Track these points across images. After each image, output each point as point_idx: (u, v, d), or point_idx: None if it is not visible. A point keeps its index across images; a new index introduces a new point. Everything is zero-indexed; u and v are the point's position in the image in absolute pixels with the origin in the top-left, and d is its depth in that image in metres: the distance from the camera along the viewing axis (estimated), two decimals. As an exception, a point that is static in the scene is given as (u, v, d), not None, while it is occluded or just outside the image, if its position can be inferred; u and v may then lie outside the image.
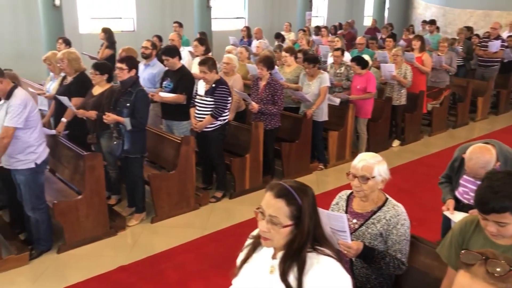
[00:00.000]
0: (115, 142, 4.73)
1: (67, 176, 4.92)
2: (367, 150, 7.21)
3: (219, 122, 5.32)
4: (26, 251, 4.22)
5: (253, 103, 5.67)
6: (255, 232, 1.93)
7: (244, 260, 1.87)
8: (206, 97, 5.26)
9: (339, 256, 1.78)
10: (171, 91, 5.52)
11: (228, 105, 5.36)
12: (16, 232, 4.51)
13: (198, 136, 5.35)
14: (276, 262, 1.75)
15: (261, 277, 1.77)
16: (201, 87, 5.36)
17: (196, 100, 5.37)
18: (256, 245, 1.87)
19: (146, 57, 6.05)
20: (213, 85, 5.23)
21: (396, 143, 7.82)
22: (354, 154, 7.12)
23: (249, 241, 1.93)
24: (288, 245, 1.72)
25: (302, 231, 1.70)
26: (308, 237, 1.71)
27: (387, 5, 18.45)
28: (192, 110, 5.42)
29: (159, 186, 4.99)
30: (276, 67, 6.33)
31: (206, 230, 4.89)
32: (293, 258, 1.69)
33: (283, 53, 6.82)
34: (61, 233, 4.44)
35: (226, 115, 5.39)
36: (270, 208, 1.70)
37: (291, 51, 6.83)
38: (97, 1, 12.29)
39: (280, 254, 1.75)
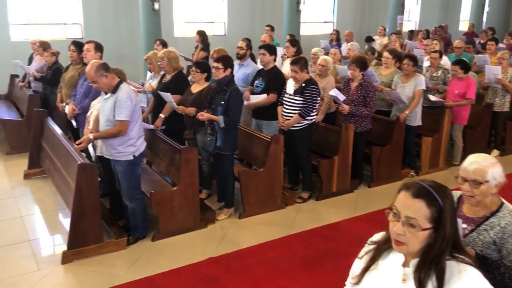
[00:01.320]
0: (208, 139, 4.88)
1: (163, 168, 5.16)
2: (463, 158, 6.78)
3: (306, 122, 5.30)
4: (124, 237, 4.48)
5: (344, 104, 5.58)
6: (375, 237, 1.82)
7: (367, 268, 1.75)
8: (295, 96, 5.26)
9: (478, 266, 1.62)
10: (262, 90, 5.61)
11: (317, 105, 5.32)
12: (115, 219, 4.80)
13: (285, 135, 5.36)
14: (409, 270, 1.62)
15: (391, 286, 1.66)
16: (290, 86, 5.38)
17: (284, 98, 5.39)
18: (381, 251, 1.74)
19: (241, 57, 6.19)
20: (303, 85, 5.23)
21: (495, 153, 7.28)
22: (448, 162, 6.79)
23: (369, 247, 1.81)
24: (425, 251, 1.58)
25: (443, 236, 1.56)
26: (448, 243, 1.57)
27: (486, 8, 17.33)
28: (279, 108, 5.45)
29: (248, 183, 5.06)
30: (371, 68, 6.18)
31: (292, 229, 4.88)
32: (430, 266, 1.56)
33: (385, 54, 6.60)
34: (156, 222, 4.66)
35: (314, 115, 5.36)
36: (407, 209, 1.57)
37: (394, 53, 6.59)
38: (191, 6, 12.83)
39: (414, 262, 1.61)
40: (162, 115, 5.37)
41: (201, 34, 8.89)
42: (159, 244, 4.54)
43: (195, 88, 5.20)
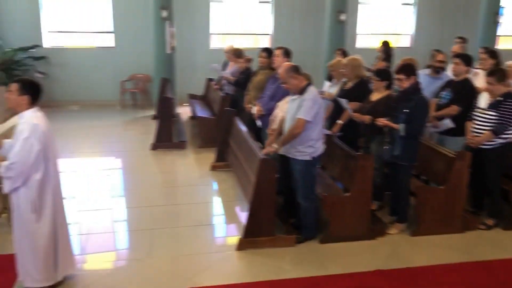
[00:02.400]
0: (385, 147, 4.75)
1: (336, 173, 5.19)
2: None
3: (500, 140, 4.76)
4: (294, 234, 4.63)
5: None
6: None
7: None
8: (488, 110, 4.77)
9: None
10: (448, 102, 5.25)
11: (514, 122, 4.75)
12: (287, 215, 4.99)
13: (473, 153, 4.88)
14: None
15: None
16: (483, 100, 4.91)
17: (475, 113, 4.93)
18: None
19: (439, 70, 5.88)
20: (499, 98, 4.72)
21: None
22: None
23: None
24: None
25: None
26: None
27: None
28: (468, 124, 5.00)
29: (425, 200, 4.77)
30: None
31: (472, 256, 4.43)
32: None
33: None
34: (325, 225, 4.70)
35: (510, 134, 4.78)
36: None
37: None
38: (376, 18, 12.69)
39: None
40: (340, 121, 5.42)
41: (385, 45, 8.70)
42: (326, 247, 4.57)
43: (375, 96, 5.12)
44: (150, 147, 7.73)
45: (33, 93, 3.41)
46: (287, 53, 5.68)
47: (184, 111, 10.16)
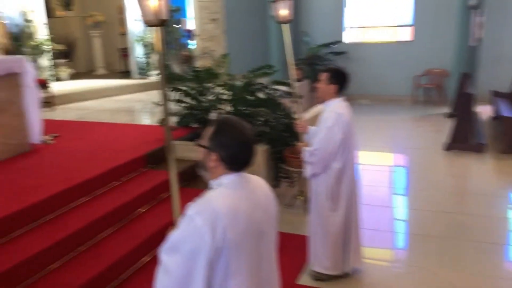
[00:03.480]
0: None
1: None
2: None
3: None
4: None
5: None
6: None
7: None
8: None
9: None
10: None
11: None
12: None
13: None
14: None
15: None
16: None
17: None
18: None
19: None
20: None
21: None
22: None
23: None
24: None
25: None
26: None
27: None
28: None
29: None
30: None
31: None
32: None
33: None
34: None
35: None
36: None
37: None
38: None
39: None
40: None
41: None
42: None
43: None
44: (443, 147, 7.14)
45: (341, 82, 3.45)
46: None
47: (484, 110, 9.04)
